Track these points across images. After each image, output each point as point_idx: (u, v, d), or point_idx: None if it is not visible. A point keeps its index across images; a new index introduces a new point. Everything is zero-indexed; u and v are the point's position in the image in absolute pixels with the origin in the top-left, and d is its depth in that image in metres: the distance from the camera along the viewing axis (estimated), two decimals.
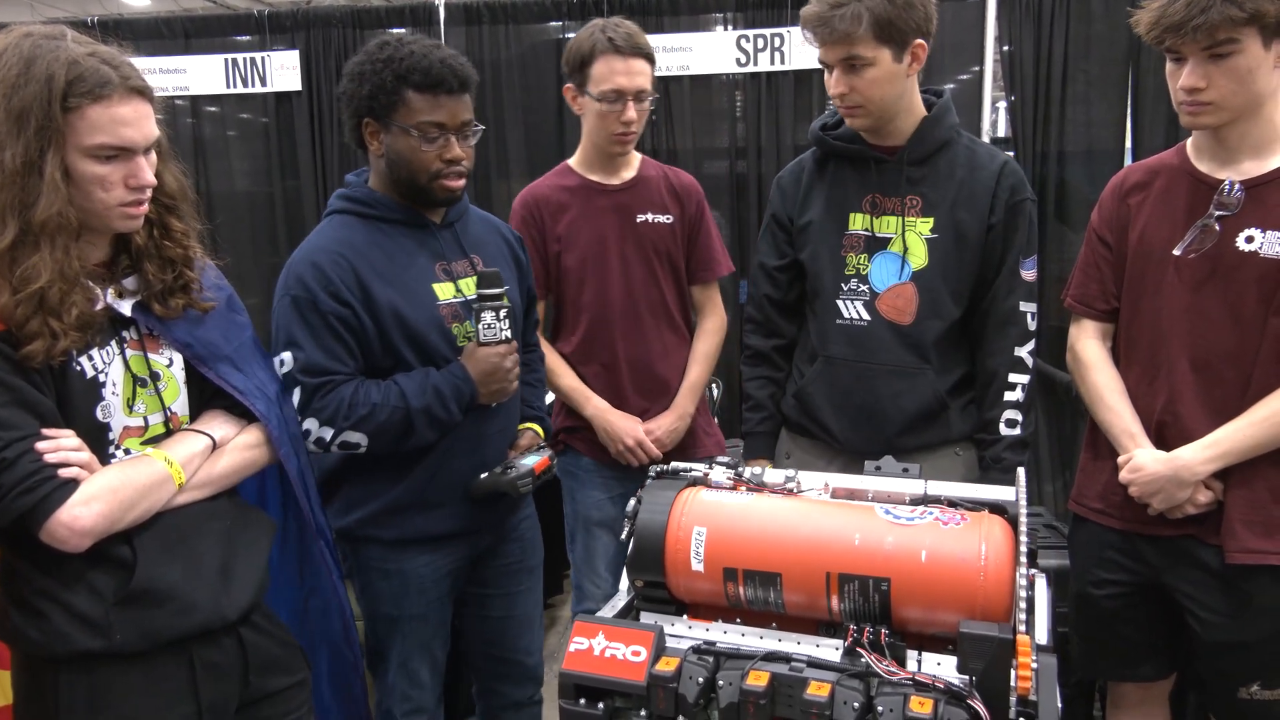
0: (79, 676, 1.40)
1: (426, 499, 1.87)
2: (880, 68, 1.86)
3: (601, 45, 2.18)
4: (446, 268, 1.89)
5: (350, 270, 1.77)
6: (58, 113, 1.30)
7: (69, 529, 1.32)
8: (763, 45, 3.82)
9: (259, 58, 4.14)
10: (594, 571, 2.38)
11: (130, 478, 1.40)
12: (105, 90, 1.32)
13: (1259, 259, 1.69)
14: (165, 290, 1.48)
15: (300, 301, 1.75)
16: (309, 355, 1.74)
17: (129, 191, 1.38)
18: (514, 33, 4.00)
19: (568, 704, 1.30)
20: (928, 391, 1.97)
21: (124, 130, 1.35)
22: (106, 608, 1.38)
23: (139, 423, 1.47)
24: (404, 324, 1.80)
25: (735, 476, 1.52)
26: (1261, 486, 1.72)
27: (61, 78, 1.30)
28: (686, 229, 2.38)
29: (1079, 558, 1.98)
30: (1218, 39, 1.60)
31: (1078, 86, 3.65)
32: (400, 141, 1.78)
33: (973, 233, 1.95)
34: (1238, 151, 1.73)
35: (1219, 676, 1.82)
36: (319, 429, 1.75)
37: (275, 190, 4.29)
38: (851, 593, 1.31)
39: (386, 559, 1.90)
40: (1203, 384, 1.75)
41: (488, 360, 1.81)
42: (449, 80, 1.76)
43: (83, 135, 1.32)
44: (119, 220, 1.40)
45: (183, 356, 1.53)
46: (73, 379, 1.38)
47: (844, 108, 1.94)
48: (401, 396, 1.76)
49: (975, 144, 2.03)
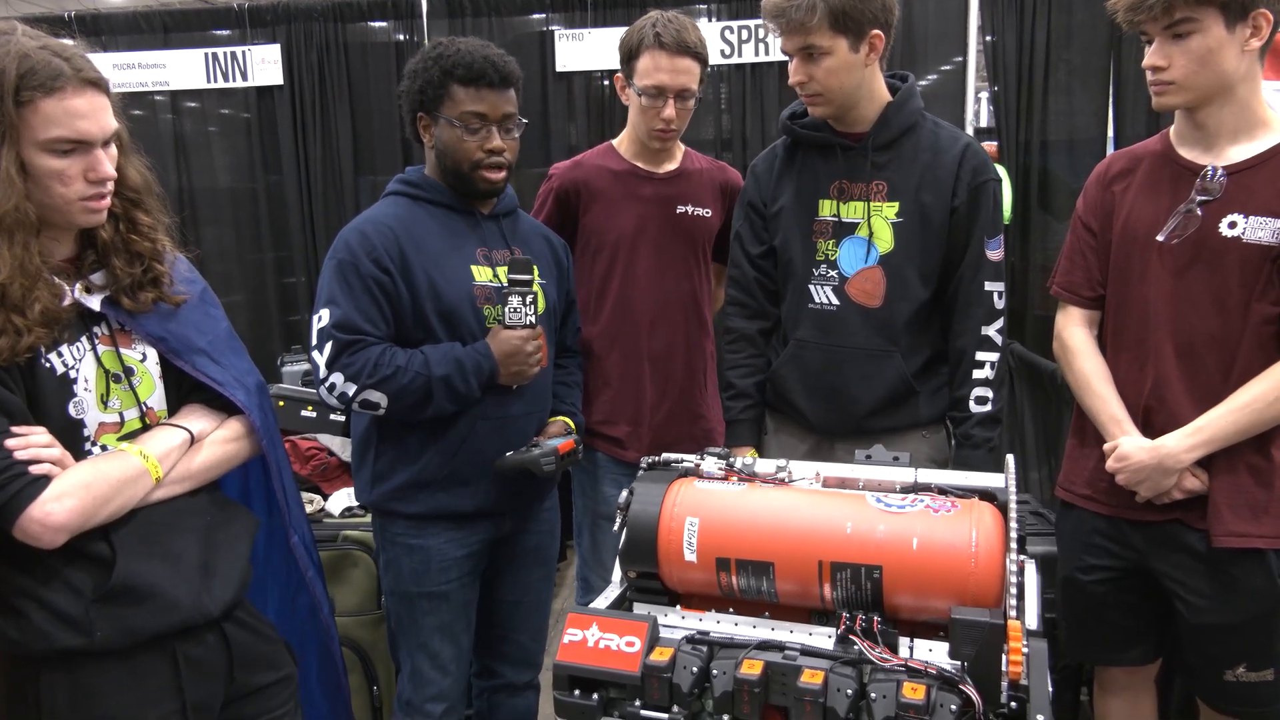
0: (61, 675, 1.39)
1: (450, 476, 1.92)
2: (837, 57, 1.89)
3: (649, 40, 2.19)
4: (487, 254, 1.97)
5: (394, 240, 1.87)
6: (10, 107, 1.28)
7: (42, 525, 1.31)
8: (746, 36, 3.82)
9: (239, 52, 4.10)
10: (601, 565, 2.39)
11: (104, 472, 1.38)
12: (58, 83, 1.30)
13: (1241, 244, 1.71)
14: (134, 284, 1.47)
15: (344, 264, 1.84)
16: (345, 312, 1.82)
17: (89, 185, 1.36)
18: (497, 25, 3.98)
19: (562, 695, 1.30)
20: (895, 374, 2.01)
21: (79, 123, 1.33)
22: (86, 605, 1.37)
23: (114, 419, 1.46)
24: (438, 297, 1.88)
25: (727, 467, 1.52)
26: (1244, 471, 1.74)
27: (13, 71, 1.27)
28: (724, 223, 2.40)
29: (1066, 544, 2.00)
30: (1175, 18, 1.64)
31: (1060, 76, 3.67)
32: (446, 133, 1.90)
33: (937, 215, 1.99)
34: (1218, 137, 1.75)
35: (1205, 659, 1.84)
36: (344, 384, 1.82)
37: (258, 185, 4.25)
38: (844, 581, 1.31)
39: (410, 534, 1.95)
40: (1187, 369, 1.77)
41: (509, 342, 1.87)
42: (490, 74, 1.86)
43: (37, 129, 1.30)
44: (80, 215, 1.38)
45: (157, 351, 1.51)
46: (42, 376, 1.37)
47: (805, 96, 1.98)
48: (425, 364, 1.83)
49: (940, 127, 2.05)
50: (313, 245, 4.19)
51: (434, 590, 1.96)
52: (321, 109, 4.09)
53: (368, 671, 2.57)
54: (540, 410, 2.03)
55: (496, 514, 1.99)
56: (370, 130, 4.11)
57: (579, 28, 3.92)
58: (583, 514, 2.44)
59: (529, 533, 2.10)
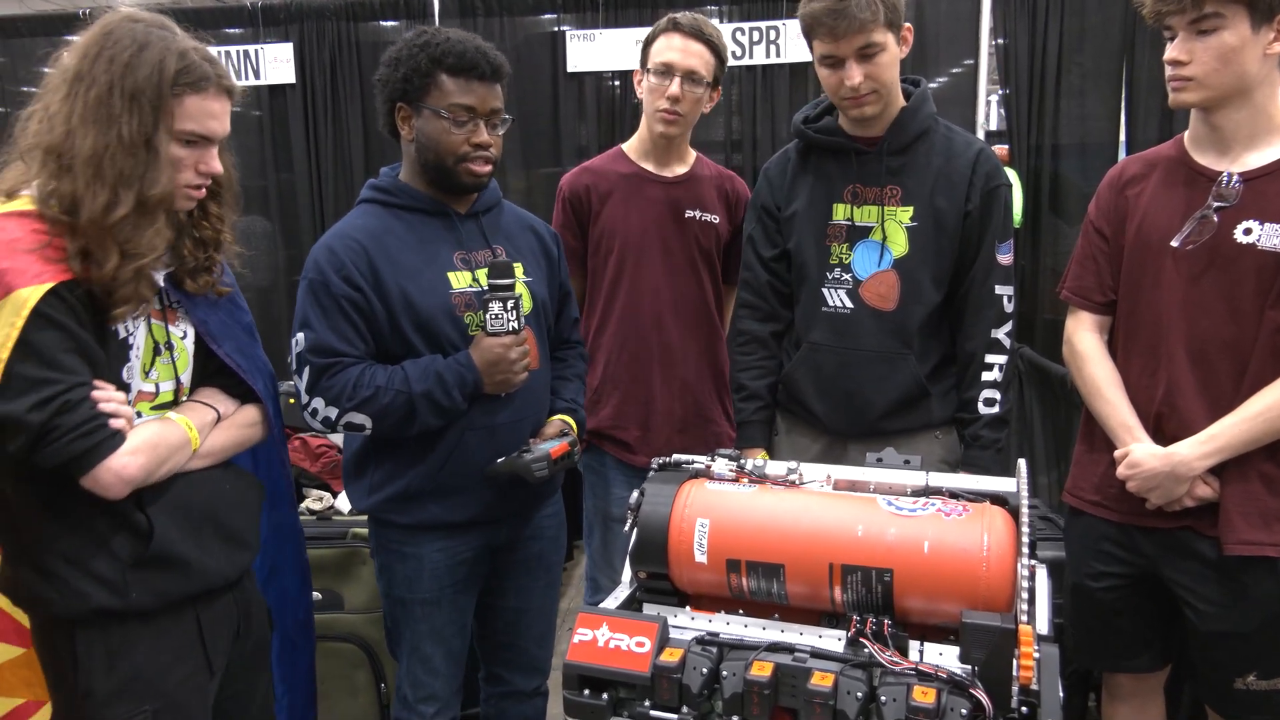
0: (96, 634, 1.47)
1: (440, 486, 1.88)
2: (889, 52, 1.92)
3: (666, 25, 2.23)
4: (465, 257, 1.90)
5: (364, 254, 1.81)
6: (169, 95, 1.41)
7: (117, 476, 1.39)
8: (758, 38, 3.82)
9: (252, 50, 4.11)
10: (610, 566, 2.39)
11: (164, 436, 1.49)
12: (204, 84, 1.45)
13: (1256, 251, 1.70)
14: (196, 268, 1.58)
15: (315, 284, 1.80)
16: (319, 335, 1.78)
17: (197, 176, 1.49)
18: (509, 25, 3.99)
19: (572, 694, 1.30)
20: (909, 376, 2.02)
21: (210, 122, 1.47)
22: (124, 569, 1.46)
23: (151, 389, 1.54)
24: (413, 309, 1.82)
25: (738, 468, 1.52)
26: (1256, 479, 1.73)
27: (172, 65, 1.41)
28: (731, 233, 2.41)
29: (1075, 550, 1.99)
30: (1204, 11, 1.63)
31: (1072, 79, 3.66)
32: (430, 124, 1.83)
33: (951, 220, 1.99)
34: (1234, 142, 1.74)
35: (1214, 667, 1.83)
36: (325, 408, 1.79)
37: (269, 183, 4.25)
38: (854, 584, 1.31)
39: (403, 542, 1.93)
40: (1200, 375, 1.76)
41: (492, 350, 1.81)
42: (482, 66, 1.81)
43: (177, 120, 1.44)
44: (181, 199, 1.51)
45: (195, 331, 1.61)
46: (110, 339, 1.46)
47: (856, 98, 1.95)
48: (405, 381, 1.78)
49: (952, 131, 2.06)
50: None
51: (426, 597, 1.94)
52: (333, 107, 4.10)
53: (375, 668, 2.58)
54: (533, 414, 1.97)
55: (491, 522, 1.96)
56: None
57: (590, 28, 3.93)
58: (594, 514, 2.43)
59: (530, 540, 2.06)
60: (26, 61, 4.22)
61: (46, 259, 1.36)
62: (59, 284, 1.36)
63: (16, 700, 1.76)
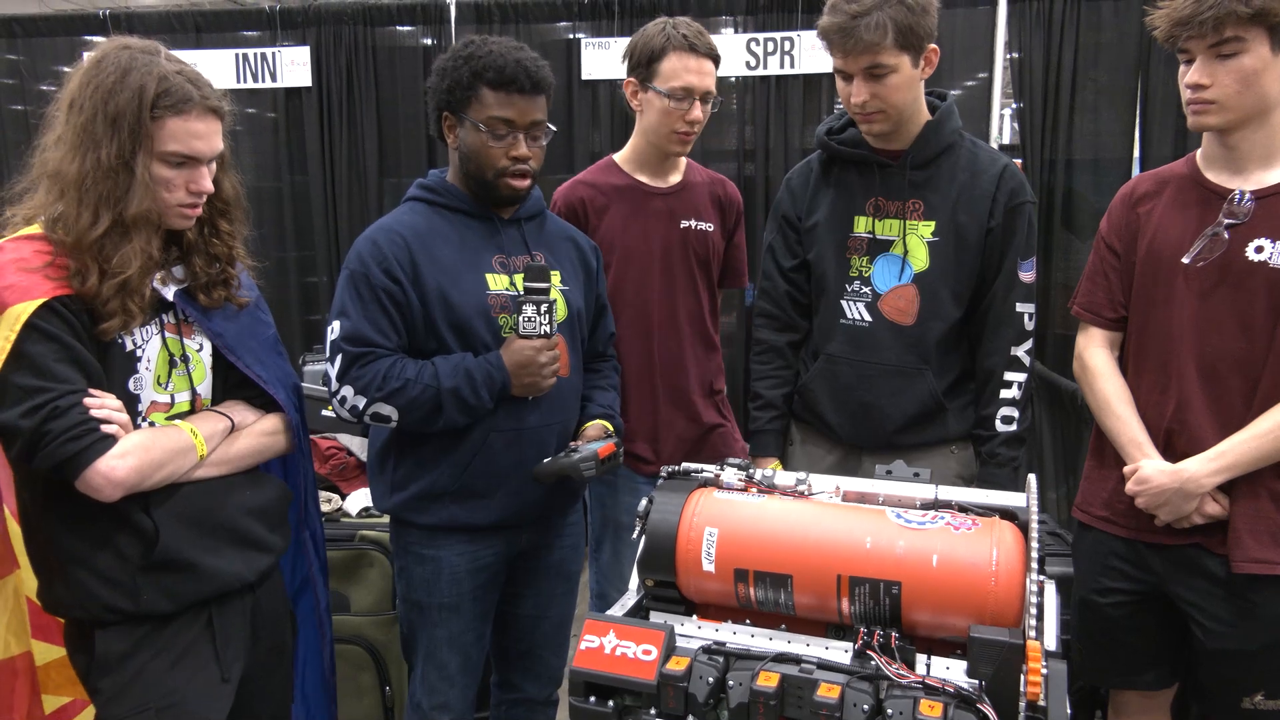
0: (112, 635, 1.53)
1: (464, 489, 1.89)
2: (901, 74, 1.89)
3: (676, 41, 2.17)
4: (505, 261, 1.93)
5: (405, 249, 1.84)
6: (146, 119, 1.47)
7: (105, 478, 1.42)
8: (772, 49, 3.83)
9: (269, 53, 4.14)
10: (619, 577, 2.35)
11: (160, 440, 1.52)
12: (186, 106, 1.49)
13: (1268, 269, 1.70)
14: (209, 283, 1.64)
15: (355, 275, 1.83)
16: (355, 324, 1.81)
17: (188, 195, 1.54)
18: (524, 32, 4.00)
19: (578, 701, 1.31)
20: (926, 392, 2.01)
21: (195, 142, 1.52)
22: (133, 571, 1.51)
23: (166, 399, 1.59)
24: (448, 307, 1.84)
25: (747, 478, 1.53)
26: (1266, 497, 1.73)
27: (152, 89, 1.46)
28: (724, 239, 2.40)
29: (1083, 565, 1.98)
30: (1224, 35, 1.63)
31: (1086, 95, 3.65)
32: (471, 136, 1.86)
33: (973, 235, 1.98)
34: (1247, 161, 1.74)
35: (1223, 685, 1.82)
36: (354, 396, 1.81)
37: (283, 185, 4.27)
38: (862, 595, 1.31)
39: (423, 544, 1.94)
40: (1210, 392, 1.76)
41: (522, 352, 1.82)
42: (521, 80, 1.82)
43: (160, 142, 1.49)
44: (174, 218, 1.56)
45: (213, 345, 1.65)
46: (113, 351, 1.51)
47: (863, 115, 1.95)
48: (434, 376, 1.80)
49: (978, 146, 2.05)
50: (336, 246, 4.22)
51: (444, 601, 1.94)
52: (348, 111, 4.13)
53: (380, 672, 2.58)
54: (560, 421, 1.96)
55: (512, 528, 1.95)
56: (396, 133, 4.13)
57: (605, 36, 3.94)
58: (602, 526, 2.40)
59: (551, 547, 2.05)
60: (47, 60, 4.26)
61: (47, 277, 1.44)
62: (53, 299, 1.42)
63: (63, 699, 1.82)
